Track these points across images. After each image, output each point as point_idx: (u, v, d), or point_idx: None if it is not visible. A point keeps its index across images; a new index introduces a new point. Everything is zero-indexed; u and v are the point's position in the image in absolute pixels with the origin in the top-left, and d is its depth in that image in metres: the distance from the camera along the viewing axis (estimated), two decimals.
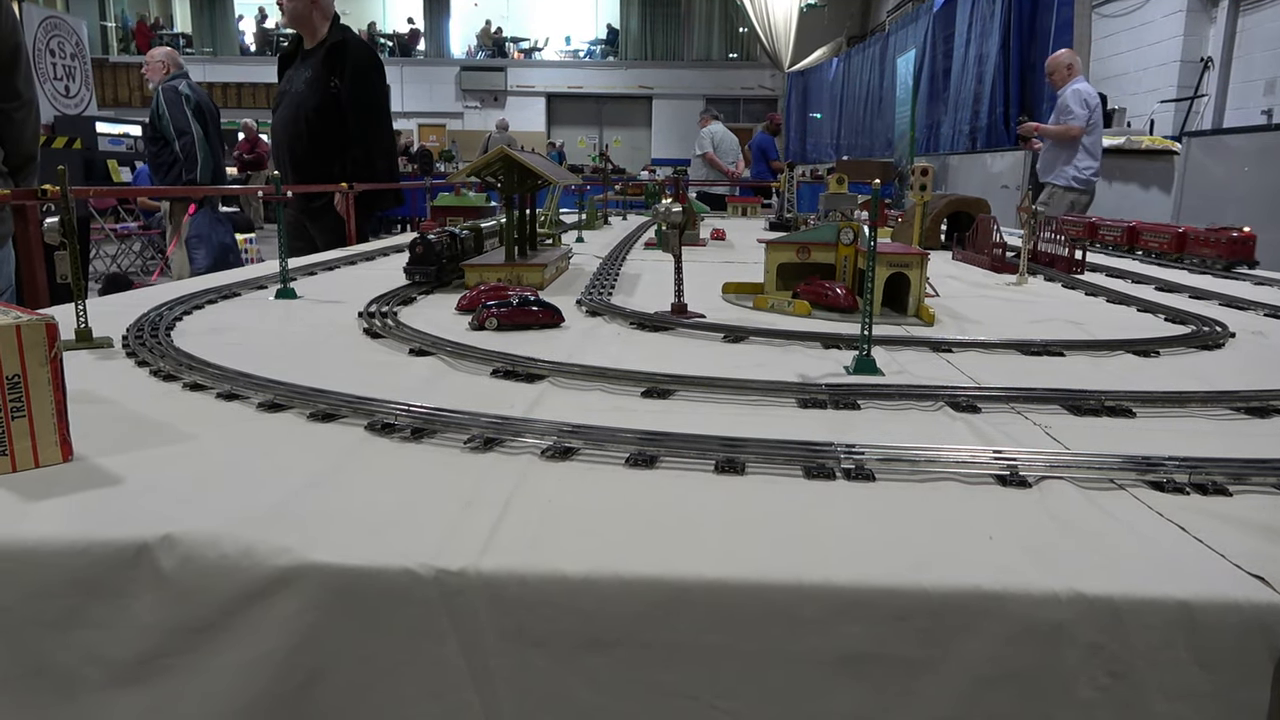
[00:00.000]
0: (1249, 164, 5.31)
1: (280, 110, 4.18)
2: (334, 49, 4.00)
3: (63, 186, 1.54)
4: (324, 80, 3.99)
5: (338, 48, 4.02)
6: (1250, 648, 0.76)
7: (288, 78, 4.16)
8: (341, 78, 3.99)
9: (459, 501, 0.93)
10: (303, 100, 4.05)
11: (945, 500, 0.97)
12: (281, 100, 4.17)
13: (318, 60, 4.01)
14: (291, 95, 4.09)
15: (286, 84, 4.16)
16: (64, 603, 0.83)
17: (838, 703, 0.80)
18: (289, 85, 4.13)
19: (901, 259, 2.08)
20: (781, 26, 19.18)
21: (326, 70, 3.98)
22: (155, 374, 1.43)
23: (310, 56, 4.07)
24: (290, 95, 4.10)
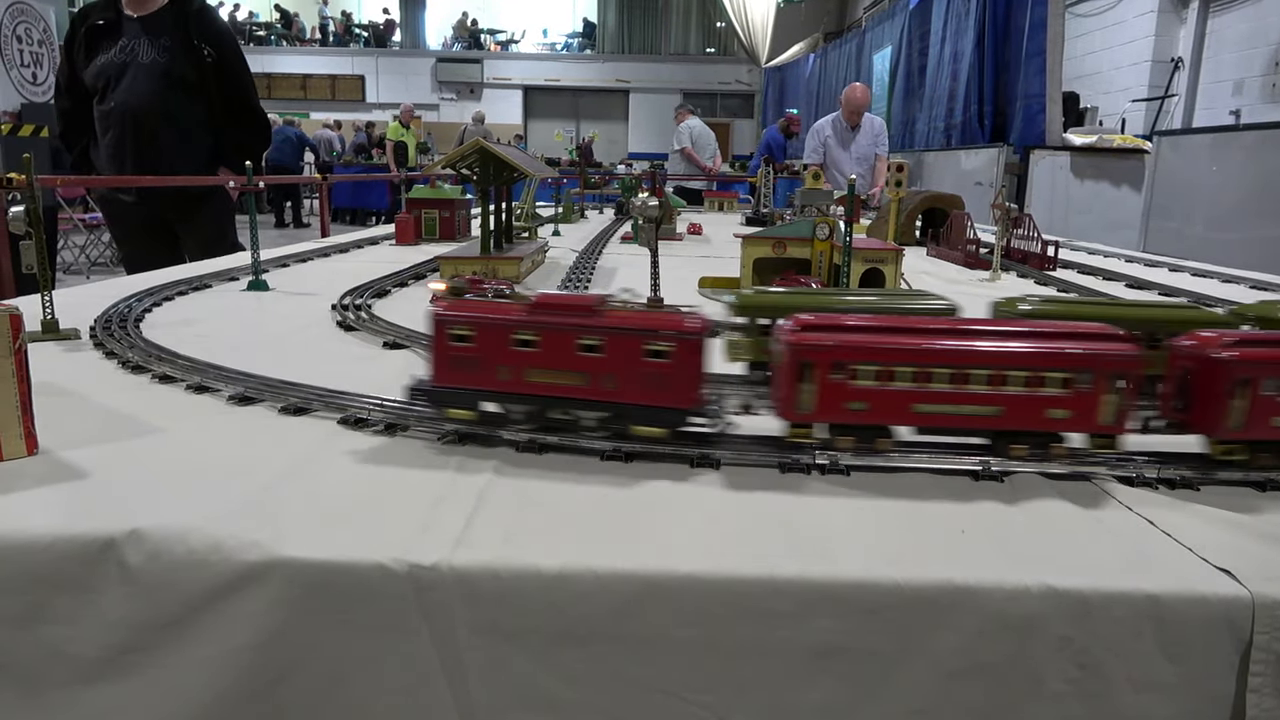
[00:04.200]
0: (1217, 163, 5.37)
1: (125, 86, 3.39)
2: (194, 12, 3.47)
3: (28, 175, 1.51)
4: (191, 48, 3.43)
5: (200, 11, 3.51)
6: (1217, 640, 0.77)
7: (120, 48, 3.39)
8: (216, 45, 3.49)
9: (432, 496, 0.92)
10: (170, 72, 3.41)
11: (918, 494, 0.97)
12: (120, 75, 3.39)
13: (166, 25, 3.42)
14: (143, 67, 3.39)
15: (121, 55, 3.39)
16: (28, 598, 0.82)
17: (810, 695, 0.80)
18: (126, 56, 3.39)
19: (876, 255, 2.09)
20: (759, 22, 19.21)
21: (189, 36, 3.43)
22: (124, 366, 1.41)
23: (153, 22, 3.43)
24: (139, 67, 3.39)
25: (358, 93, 21.77)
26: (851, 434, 1.03)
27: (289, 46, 22.27)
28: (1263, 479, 1.01)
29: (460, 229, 3.62)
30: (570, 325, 1.01)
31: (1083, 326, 1.02)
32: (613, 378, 1.01)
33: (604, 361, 1.01)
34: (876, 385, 0.98)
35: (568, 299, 1.06)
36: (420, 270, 2.58)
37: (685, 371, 1.00)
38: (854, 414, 1.00)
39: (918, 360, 0.97)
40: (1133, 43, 9.67)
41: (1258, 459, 1.01)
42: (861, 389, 0.98)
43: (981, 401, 0.98)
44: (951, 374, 0.97)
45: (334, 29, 22.66)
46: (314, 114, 19.83)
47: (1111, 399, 0.97)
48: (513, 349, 1.02)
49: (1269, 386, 0.96)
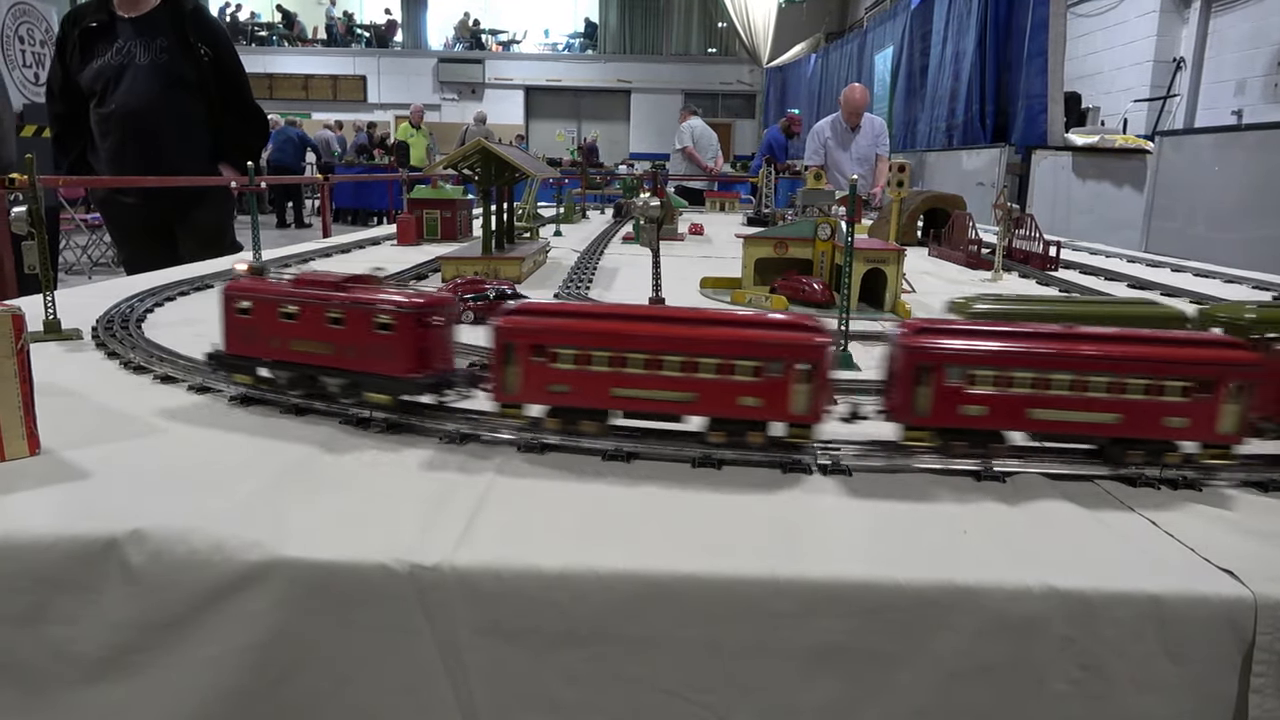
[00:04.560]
0: (1221, 164, 5.37)
1: (124, 88, 3.37)
2: (189, 13, 3.44)
3: (30, 175, 1.51)
4: (188, 47, 3.41)
5: (195, 10, 3.48)
6: (1220, 641, 0.77)
7: (116, 50, 3.36)
8: (212, 44, 3.47)
9: (433, 496, 0.92)
10: (169, 73, 3.39)
11: (920, 495, 0.97)
12: (119, 77, 3.36)
13: (161, 25, 3.39)
14: (141, 69, 3.37)
15: (118, 57, 3.36)
16: (30, 598, 0.82)
17: (812, 696, 0.80)
18: (123, 58, 3.36)
19: (878, 255, 2.09)
20: (760, 22, 19.21)
21: (185, 36, 3.40)
22: (126, 366, 1.41)
23: (148, 22, 3.39)
24: (138, 69, 3.37)
25: (359, 93, 21.77)
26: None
27: (290, 47, 22.28)
28: (1265, 479, 1.00)
29: (462, 229, 3.62)
30: (320, 299, 1.11)
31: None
32: (353, 348, 1.10)
33: (345, 333, 1.10)
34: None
35: (322, 277, 1.17)
36: (422, 270, 2.58)
37: (406, 344, 1.07)
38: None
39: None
40: (1134, 43, 9.66)
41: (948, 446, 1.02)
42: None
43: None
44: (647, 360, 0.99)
45: (337, 29, 22.67)
46: (316, 114, 19.84)
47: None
48: (280, 321, 1.14)
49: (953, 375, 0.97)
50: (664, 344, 1.00)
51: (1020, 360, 0.97)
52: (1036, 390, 0.97)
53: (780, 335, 0.99)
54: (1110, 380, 0.96)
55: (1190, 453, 1.01)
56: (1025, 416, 0.99)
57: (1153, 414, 0.97)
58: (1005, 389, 0.97)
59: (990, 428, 1.01)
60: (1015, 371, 0.97)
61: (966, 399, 0.98)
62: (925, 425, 1.02)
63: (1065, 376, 0.96)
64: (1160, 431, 0.99)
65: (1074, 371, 0.96)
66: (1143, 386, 0.96)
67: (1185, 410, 0.97)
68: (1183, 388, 0.96)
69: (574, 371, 1.01)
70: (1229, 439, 0.99)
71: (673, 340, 0.99)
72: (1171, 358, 0.96)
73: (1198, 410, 0.97)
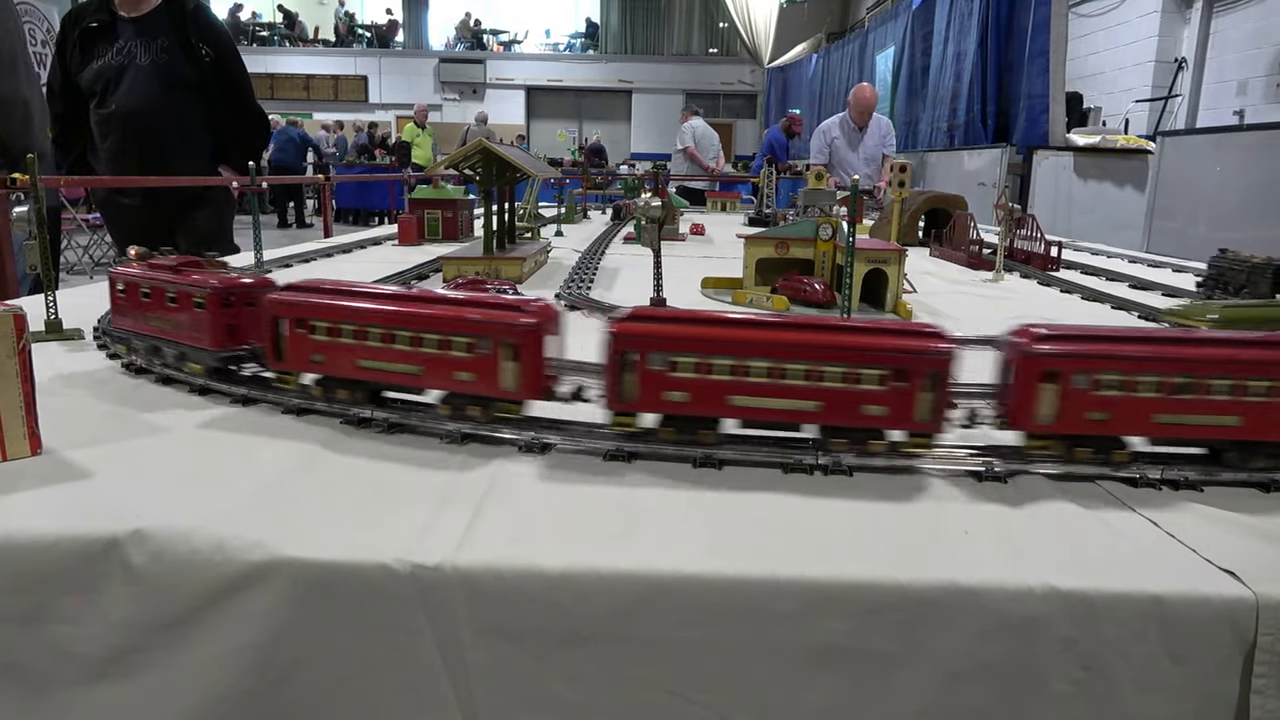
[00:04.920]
0: (1222, 164, 5.36)
1: (125, 88, 3.35)
2: (190, 13, 3.41)
3: (32, 175, 1.51)
4: (189, 48, 3.39)
5: (196, 10, 3.45)
6: (1221, 641, 0.77)
7: (117, 50, 3.35)
8: (213, 44, 3.45)
9: (435, 496, 0.92)
10: (170, 73, 3.37)
11: (921, 495, 0.97)
12: (119, 77, 3.35)
13: (163, 26, 3.38)
14: (142, 69, 3.35)
15: (118, 57, 3.35)
16: (32, 598, 0.82)
17: (813, 696, 0.80)
18: (124, 58, 3.35)
19: (879, 255, 2.09)
20: (761, 22, 19.21)
21: (186, 36, 3.38)
22: (127, 367, 1.41)
23: (149, 22, 3.38)
24: (139, 69, 3.35)
25: (361, 93, 21.77)
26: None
27: (292, 47, 22.28)
28: (1267, 480, 1.00)
29: (463, 229, 3.62)
30: (162, 282, 1.26)
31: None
32: (180, 323, 1.25)
33: (177, 311, 1.25)
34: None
35: (165, 261, 1.34)
36: (423, 270, 2.58)
37: (213, 321, 1.21)
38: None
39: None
40: (1136, 43, 9.66)
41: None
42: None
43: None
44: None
45: (337, 27, 22.67)
46: (317, 114, 19.86)
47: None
48: (140, 300, 1.30)
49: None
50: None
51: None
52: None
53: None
54: (809, 368, 0.98)
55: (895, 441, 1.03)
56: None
57: (851, 402, 0.99)
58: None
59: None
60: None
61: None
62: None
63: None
64: (860, 419, 1.00)
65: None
66: (840, 375, 0.98)
67: (882, 399, 0.98)
68: (879, 376, 0.98)
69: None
70: (926, 427, 1.00)
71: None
72: (868, 346, 0.98)
73: (895, 399, 0.98)
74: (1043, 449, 1.02)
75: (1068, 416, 0.98)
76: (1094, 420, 0.98)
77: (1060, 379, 0.97)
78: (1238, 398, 0.96)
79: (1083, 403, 0.97)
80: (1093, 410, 0.97)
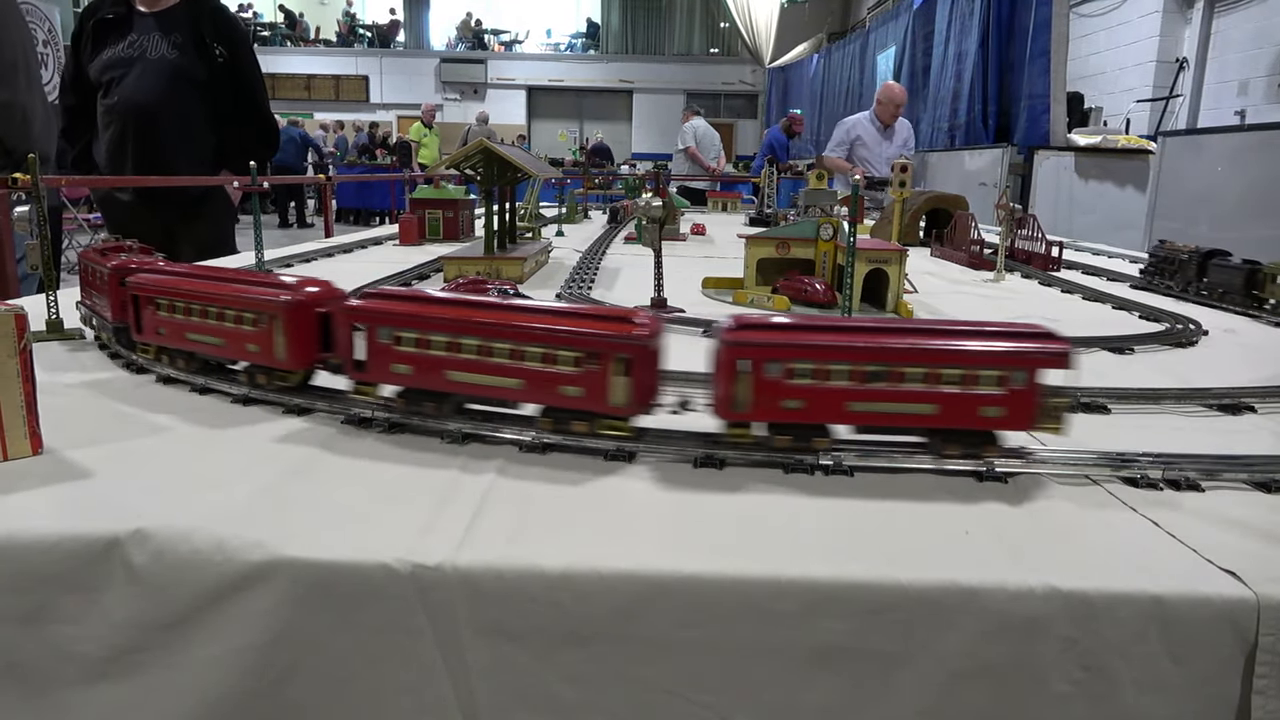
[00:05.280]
0: (1223, 164, 5.36)
1: (131, 81, 3.28)
2: (209, 11, 3.38)
3: (33, 175, 1.51)
4: (203, 46, 3.32)
5: (215, 10, 3.42)
6: (1222, 642, 0.77)
7: (129, 43, 3.30)
8: (229, 45, 3.38)
9: (436, 496, 0.92)
10: (179, 70, 3.30)
11: (922, 495, 0.97)
12: (127, 69, 3.29)
13: (179, 22, 3.32)
14: (151, 63, 3.28)
15: (129, 49, 3.30)
16: (33, 598, 0.82)
17: (814, 696, 0.80)
18: (134, 51, 3.29)
19: (880, 255, 2.09)
20: (762, 22, 19.22)
21: (201, 34, 3.32)
22: (128, 366, 1.41)
23: (166, 18, 3.33)
24: (148, 63, 3.28)
25: (362, 93, 21.78)
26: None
27: (293, 47, 22.29)
28: (1268, 480, 1.00)
29: (464, 229, 3.62)
30: (97, 264, 1.43)
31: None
32: (106, 304, 1.39)
33: (99, 288, 1.43)
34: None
35: (109, 245, 1.50)
36: (424, 270, 2.58)
37: (114, 296, 1.36)
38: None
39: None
40: (1137, 43, 9.65)
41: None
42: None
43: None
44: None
45: (339, 29, 22.68)
46: (318, 114, 19.87)
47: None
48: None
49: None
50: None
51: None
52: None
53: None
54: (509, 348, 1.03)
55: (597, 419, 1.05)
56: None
57: (550, 384, 1.02)
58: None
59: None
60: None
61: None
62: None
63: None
64: (559, 400, 1.04)
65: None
66: (539, 355, 1.02)
67: (579, 381, 1.01)
68: (575, 359, 1.00)
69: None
70: (623, 410, 1.02)
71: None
72: (562, 329, 1.01)
73: (590, 381, 1.00)
74: (742, 437, 1.04)
75: (763, 404, 1.00)
76: (789, 408, 1.00)
77: (756, 368, 0.99)
78: (931, 386, 0.97)
79: (777, 391, 0.99)
80: (787, 399, 0.99)
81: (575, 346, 0.99)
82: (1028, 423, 0.99)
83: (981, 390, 0.97)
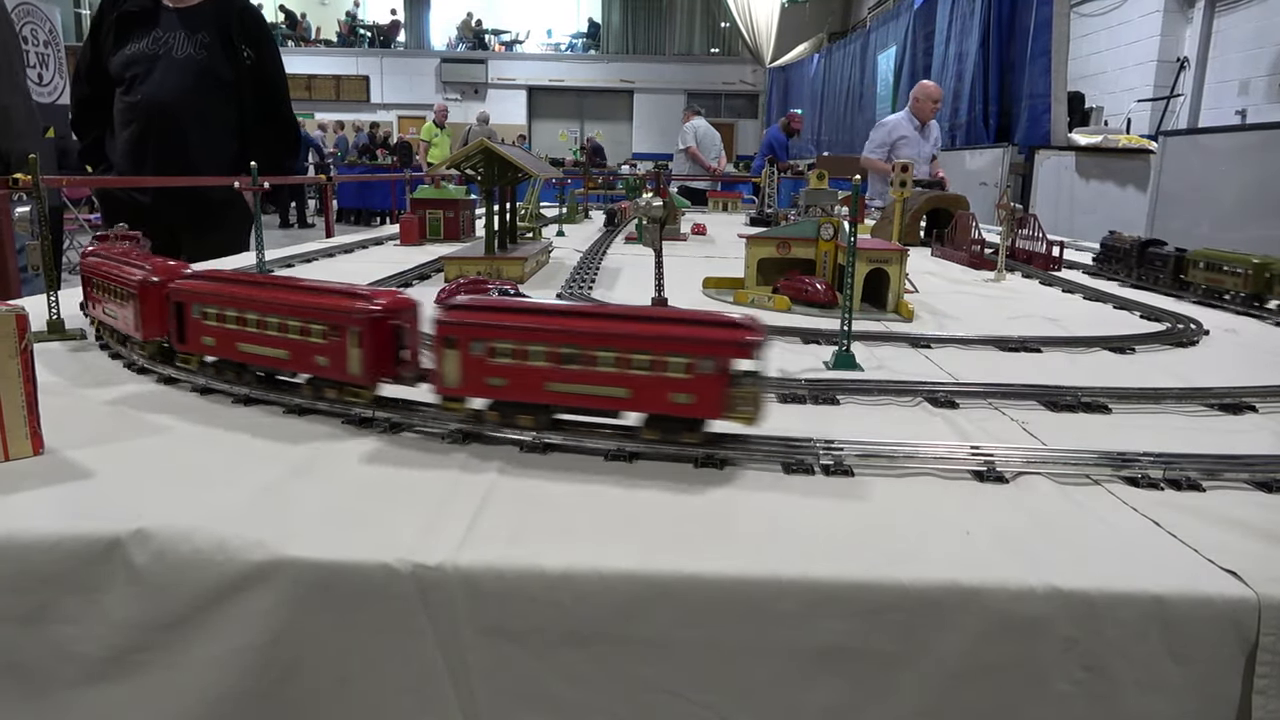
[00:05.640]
0: (1224, 164, 5.36)
1: (155, 80, 3.20)
2: (237, 11, 3.30)
3: (34, 175, 1.51)
4: (229, 47, 3.25)
5: (244, 10, 3.34)
6: (1223, 641, 0.77)
7: (152, 38, 3.21)
8: (256, 46, 3.32)
9: (436, 496, 0.92)
10: (205, 70, 3.22)
11: (923, 495, 0.97)
12: (151, 67, 3.20)
13: (206, 20, 3.24)
14: (176, 62, 3.20)
15: (154, 46, 3.21)
16: (34, 598, 0.82)
17: (815, 696, 0.80)
18: (159, 48, 3.20)
19: (881, 255, 2.09)
20: (763, 22, 19.21)
21: (229, 34, 3.25)
22: (129, 366, 1.41)
23: (192, 15, 3.24)
24: (173, 62, 3.19)
25: (363, 93, 21.77)
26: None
27: (295, 47, 22.28)
28: (1269, 479, 1.00)
29: (465, 229, 3.62)
30: (123, 273, 1.39)
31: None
32: (131, 312, 1.34)
33: (120, 295, 1.39)
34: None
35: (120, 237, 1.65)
36: (424, 270, 2.58)
37: (149, 305, 1.32)
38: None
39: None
40: (1138, 42, 9.65)
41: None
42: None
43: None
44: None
45: (339, 29, 22.69)
46: (319, 114, 19.84)
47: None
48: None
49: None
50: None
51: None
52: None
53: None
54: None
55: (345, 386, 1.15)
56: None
57: (307, 352, 1.14)
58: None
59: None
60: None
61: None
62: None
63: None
64: (314, 369, 1.16)
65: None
66: (298, 328, 1.14)
67: (325, 351, 1.12)
68: (323, 331, 1.11)
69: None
70: (359, 380, 1.11)
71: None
72: (312, 304, 1.13)
73: (333, 352, 1.11)
74: (457, 410, 1.10)
75: (471, 381, 1.05)
76: (493, 386, 1.05)
77: (459, 345, 1.04)
78: (622, 370, 0.99)
79: (482, 369, 1.04)
80: (491, 376, 1.04)
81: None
82: (718, 411, 0.99)
83: (671, 375, 0.98)
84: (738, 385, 0.98)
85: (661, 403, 1.00)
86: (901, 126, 6.35)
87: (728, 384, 0.97)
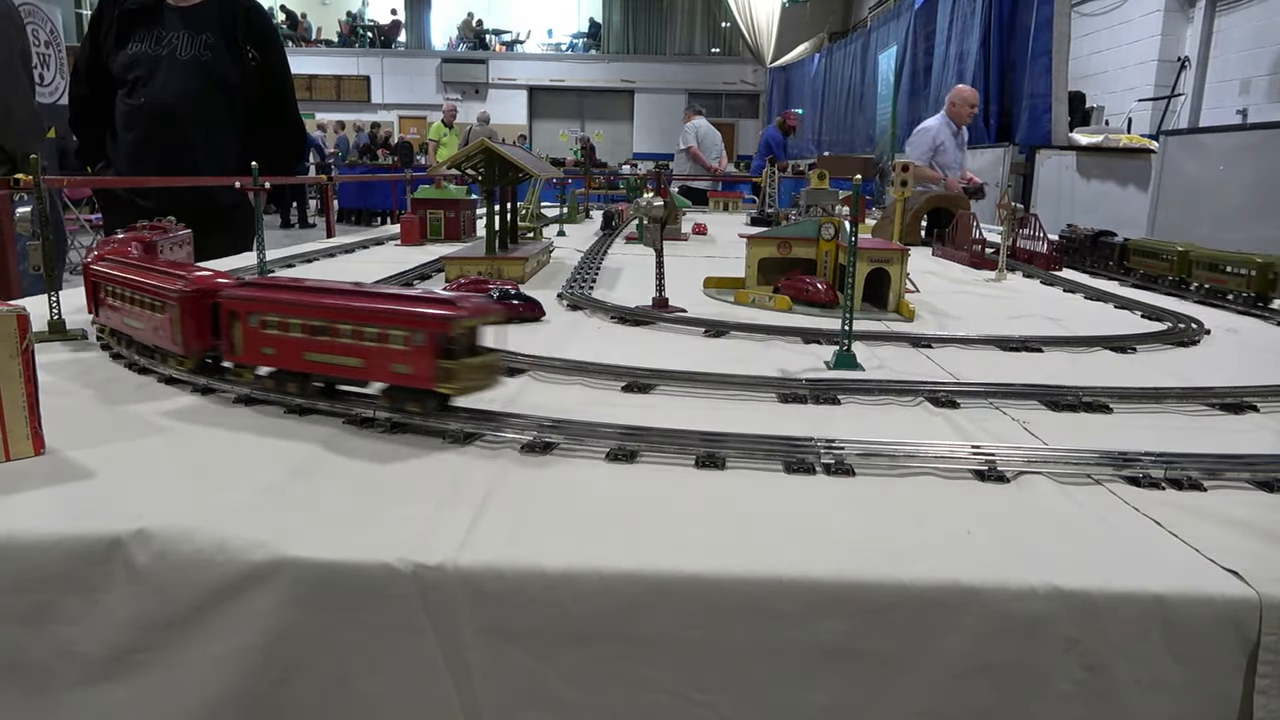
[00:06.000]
0: (1224, 163, 5.36)
1: (159, 81, 3.12)
2: (242, 11, 3.22)
3: (35, 175, 1.51)
4: (234, 47, 3.19)
5: (250, 10, 3.27)
6: (1224, 641, 0.77)
7: (155, 38, 3.13)
8: (262, 48, 3.25)
9: (437, 496, 0.92)
10: (210, 72, 3.16)
11: (924, 495, 0.97)
12: (154, 68, 3.12)
13: (211, 20, 3.18)
14: (180, 63, 3.13)
15: (157, 47, 3.13)
16: (36, 598, 0.82)
17: (816, 696, 0.80)
18: (162, 49, 3.12)
19: (882, 255, 2.09)
20: (764, 22, 19.21)
21: (234, 35, 3.19)
22: (130, 367, 1.41)
23: (197, 15, 3.17)
24: (176, 63, 3.12)
25: (363, 93, 21.79)
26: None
27: (295, 47, 22.26)
28: (1270, 479, 1.00)
29: (465, 229, 3.62)
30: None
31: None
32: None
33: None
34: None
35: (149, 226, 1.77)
36: (425, 271, 2.58)
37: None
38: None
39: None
40: (1139, 42, 9.65)
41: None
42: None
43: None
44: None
45: (340, 29, 22.69)
46: (320, 114, 19.85)
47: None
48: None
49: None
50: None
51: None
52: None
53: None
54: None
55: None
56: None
57: (151, 325, 1.29)
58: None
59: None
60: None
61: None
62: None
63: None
64: (154, 339, 1.30)
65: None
66: (142, 303, 1.30)
67: (157, 324, 1.27)
68: (155, 305, 1.27)
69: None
70: (182, 350, 1.25)
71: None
72: (147, 281, 1.28)
73: (163, 325, 1.26)
74: (244, 376, 1.23)
75: (250, 350, 1.19)
76: (266, 354, 1.17)
77: (240, 318, 1.17)
78: (357, 342, 1.08)
79: (257, 339, 1.16)
80: (264, 346, 1.17)
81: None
82: (429, 381, 1.05)
83: (392, 347, 1.06)
84: (458, 358, 1.03)
85: (386, 373, 1.08)
86: (942, 133, 6.20)
87: (436, 355, 1.03)
